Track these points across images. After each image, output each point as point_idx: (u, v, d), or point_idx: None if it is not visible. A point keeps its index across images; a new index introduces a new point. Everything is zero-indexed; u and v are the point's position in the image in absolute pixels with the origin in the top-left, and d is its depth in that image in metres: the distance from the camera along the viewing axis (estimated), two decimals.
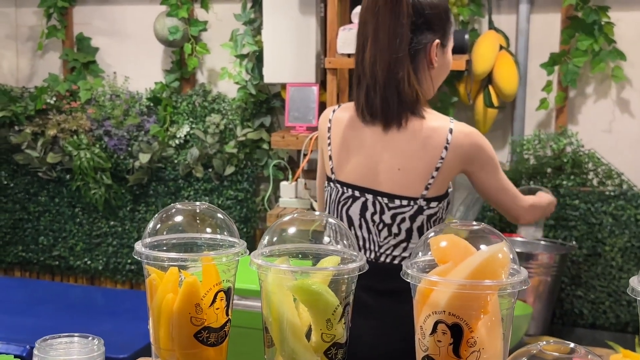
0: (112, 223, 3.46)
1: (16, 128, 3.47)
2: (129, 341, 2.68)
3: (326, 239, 0.84)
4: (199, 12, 3.34)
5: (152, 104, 3.35)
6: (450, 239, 0.83)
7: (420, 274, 0.78)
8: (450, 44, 1.70)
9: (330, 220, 0.86)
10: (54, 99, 3.43)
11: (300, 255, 0.85)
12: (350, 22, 2.80)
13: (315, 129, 2.90)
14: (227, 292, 0.87)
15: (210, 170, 3.32)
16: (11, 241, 3.60)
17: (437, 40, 1.63)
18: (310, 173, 3.14)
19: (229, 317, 0.89)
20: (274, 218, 2.88)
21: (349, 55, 2.77)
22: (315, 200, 2.94)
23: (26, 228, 3.57)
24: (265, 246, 0.85)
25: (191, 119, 3.32)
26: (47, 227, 3.53)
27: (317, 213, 0.88)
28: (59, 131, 3.37)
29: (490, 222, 2.83)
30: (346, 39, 2.76)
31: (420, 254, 0.82)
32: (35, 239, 3.56)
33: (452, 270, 0.81)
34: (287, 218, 0.86)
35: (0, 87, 3.54)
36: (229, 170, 3.29)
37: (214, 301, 0.84)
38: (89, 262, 3.50)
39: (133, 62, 3.48)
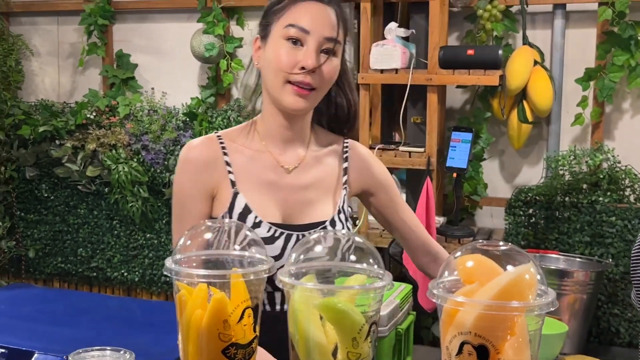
0: (148, 235, 3.52)
1: (57, 142, 3.56)
2: (164, 353, 2.71)
3: (352, 257, 0.85)
4: (235, 29, 3.39)
5: (188, 119, 3.41)
6: (477, 259, 0.83)
7: (446, 294, 0.79)
8: (273, 38, 1.34)
9: (357, 238, 0.87)
10: (94, 114, 3.51)
11: (326, 273, 0.86)
12: (383, 37, 2.82)
13: None
14: (255, 309, 0.88)
15: None
16: (51, 252, 3.69)
17: (257, 35, 1.40)
18: None
19: (257, 333, 0.91)
20: None
21: (382, 71, 2.79)
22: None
23: (65, 240, 3.65)
24: (292, 264, 0.87)
25: None
26: (85, 239, 3.61)
27: (343, 231, 0.89)
28: (98, 145, 3.45)
29: (524, 239, 2.80)
30: (379, 55, 2.78)
31: (446, 273, 0.83)
32: (74, 250, 3.64)
33: (479, 290, 0.81)
34: (313, 236, 0.87)
35: (42, 102, 3.64)
36: None
37: (241, 318, 0.86)
38: (125, 274, 3.56)
39: (170, 78, 3.55)
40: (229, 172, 1.39)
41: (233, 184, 1.38)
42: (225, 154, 1.40)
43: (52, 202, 3.65)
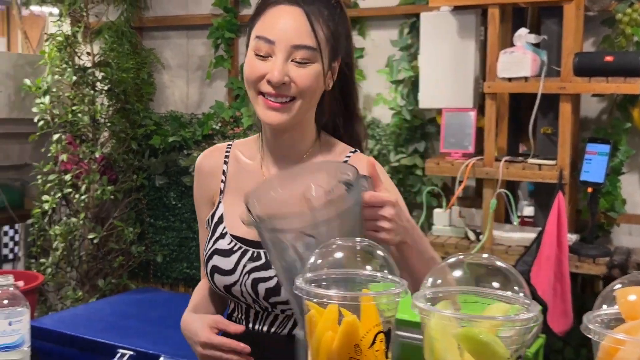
0: None
1: (185, 152, 3.70)
2: None
3: (495, 284, 0.78)
4: (356, 39, 3.38)
5: None
6: None
7: (605, 330, 0.70)
8: (248, 50, 1.27)
9: (500, 264, 0.80)
10: (219, 124, 3.62)
11: (465, 300, 0.80)
12: (512, 44, 2.69)
13: (471, 155, 2.81)
14: (387, 334, 0.83)
15: None
16: (177, 258, 3.83)
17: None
18: (465, 200, 3.04)
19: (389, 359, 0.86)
20: None
21: (510, 79, 2.66)
22: (471, 229, 2.84)
23: (191, 246, 3.78)
24: (428, 287, 0.81)
25: None
26: None
27: (485, 255, 0.82)
28: None
29: None
30: (508, 63, 2.65)
31: (604, 306, 0.74)
32: (198, 257, 3.75)
33: None
34: (452, 259, 0.81)
35: (172, 114, 3.80)
36: None
37: (373, 342, 0.81)
38: None
39: None
40: (222, 180, 1.38)
41: (221, 192, 1.37)
42: (225, 162, 1.39)
43: (180, 209, 3.79)
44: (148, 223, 3.88)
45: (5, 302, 1.18)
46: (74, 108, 3.50)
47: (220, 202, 1.36)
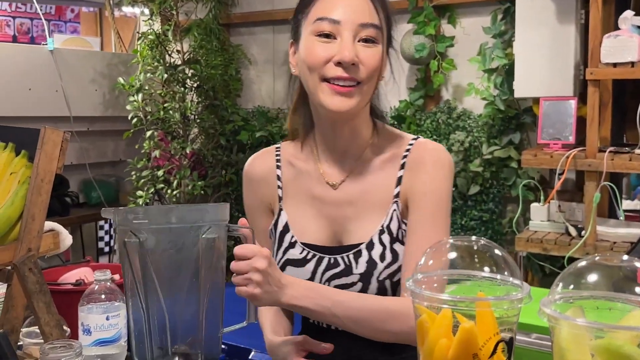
0: None
1: None
2: None
3: (638, 289, 0.70)
4: (446, 28, 3.27)
5: (396, 122, 3.35)
6: None
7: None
8: (304, 37, 1.18)
9: (637, 263, 0.71)
10: None
11: (597, 307, 0.72)
12: (617, 28, 2.52)
13: (572, 146, 2.66)
14: (509, 343, 0.76)
15: (453, 189, 3.22)
16: None
17: (291, 41, 1.25)
18: (564, 194, 2.88)
19: None
20: (524, 242, 2.69)
21: (614, 65, 2.49)
22: (571, 225, 2.69)
23: None
24: (558, 292, 0.73)
25: (434, 137, 3.26)
26: None
27: (625, 257, 0.73)
28: None
29: None
30: (612, 47, 2.49)
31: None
32: None
33: None
34: (584, 263, 0.73)
35: (259, 109, 3.81)
36: (474, 189, 3.16)
37: (494, 352, 0.75)
38: None
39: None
40: (279, 186, 1.30)
41: (280, 199, 1.29)
42: (278, 167, 1.31)
43: None
44: (237, 218, 3.89)
45: (103, 296, 1.18)
46: (165, 105, 3.57)
47: (281, 209, 1.29)
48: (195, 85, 3.64)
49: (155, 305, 1.09)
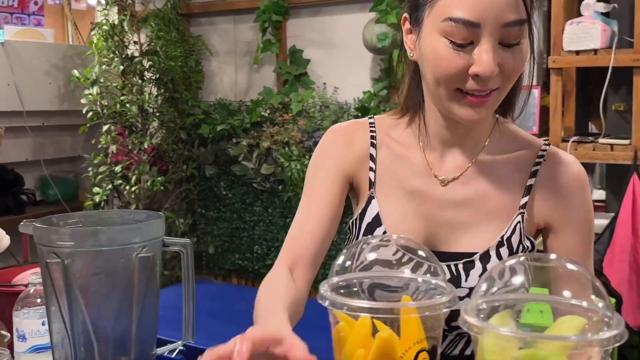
0: None
1: (234, 140, 3.61)
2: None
3: (566, 293, 0.63)
4: None
5: (360, 114, 3.28)
6: None
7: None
8: (427, 31, 0.98)
9: (572, 266, 0.64)
10: (268, 111, 3.50)
11: (528, 310, 0.65)
12: (579, 14, 2.47)
13: (536, 136, 2.60)
14: (432, 353, 0.69)
15: None
16: (229, 249, 3.75)
17: (405, 15, 1.04)
18: None
19: None
20: None
21: (577, 53, 2.44)
22: None
23: (242, 237, 3.69)
24: (481, 296, 0.66)
25: None
26: (261, 237, 3.62)
27: (553, 256, 0.66)
28: (272, 143, 3.43)
29: None
30: (575, 34, 2.44)
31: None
32: (250, 247, 3.67)
33: None
34: (511, 261, 0.66)
35: (220, 101, 3.71)
36: None
37: None
38: None
39: (342, 72, 3.44)
40: (371, 168, 1.10)
41: (371, 184, 1.10)
42: (372, 144, 1.12)
43: (230, 199, 3.71)
44: (199, 214, 3.81)
45: (39, 300, 1.11)
46: (122, 98, 3.46)
47: (372, 197, 1.09)
48: (154, 77, 3.52)
49: (81, 327, 1.01)
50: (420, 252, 0.81)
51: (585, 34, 2.43)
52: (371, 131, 1.13)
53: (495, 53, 0.93)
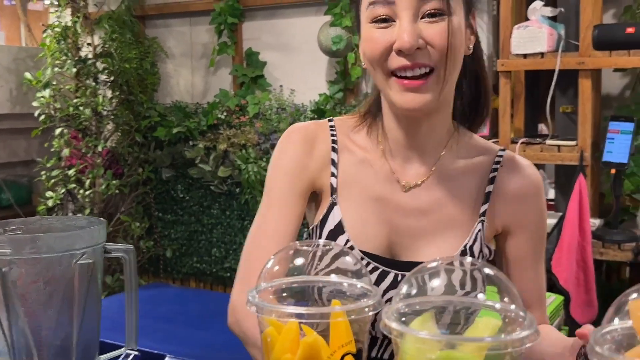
0: None
1: (190, 143, 3.59)
2: None
3: (480, 296, 0.65)
4: None
5: (316, 116, 3.29)
6: None
7: (613, 354, 0.56)
8: (362, 26, 1.01)
9: (486, 269, 0.66)
10: (225, 114, 3.50)
11: (445, 312, 0.67)
12: (526, 18, 2.52)
13: (486, 138, 2.65)
14: (357, 356, 0.70)
15: None
16: (187, 252, 3.73)
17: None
18: None
19: None
20: None
21: (525, 56, 2.50)
22: None
23: (200, 240, 3.68)
24: (401, 299, 0.68)
25: None
26: (219, 239, 3.61)
27: (468, 259, 0.68)
28: (229, 145, 3.42)
29: None
30: (522, 38, 2.49)
31: (616, 320, 0.60)
32: (208, 250, 3.65)
33: None
34: (431, 264, 0.68)
35: (177, 104, 3.69)
36: None
37: None
38: None
39: (298, 74, 3.45)
40: (332, 174, 1.08)
41: (333, 190, 1.07)
42: (334, 148, 1.09)
43: (187, 202, 3.69)
44: (156, 217, 3.78)
45: None
46: (75, 101, 3.41)
47: (335, 203, 1.07)
48: (108, 80, 3.48)
49: (21, 335, 1.00)
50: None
51: (533, 38, 2.48)
52: (332, 134, 1.11)
53: (414, 26, 0.94)
